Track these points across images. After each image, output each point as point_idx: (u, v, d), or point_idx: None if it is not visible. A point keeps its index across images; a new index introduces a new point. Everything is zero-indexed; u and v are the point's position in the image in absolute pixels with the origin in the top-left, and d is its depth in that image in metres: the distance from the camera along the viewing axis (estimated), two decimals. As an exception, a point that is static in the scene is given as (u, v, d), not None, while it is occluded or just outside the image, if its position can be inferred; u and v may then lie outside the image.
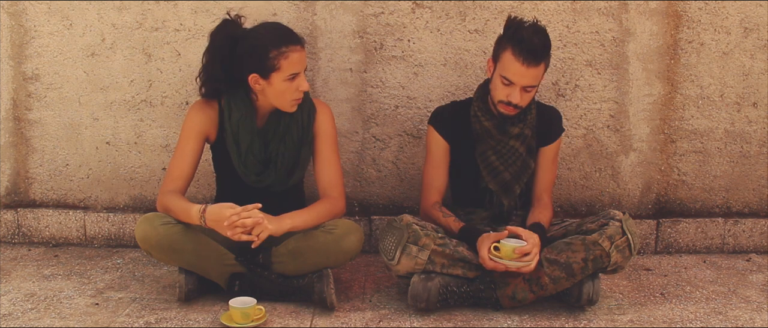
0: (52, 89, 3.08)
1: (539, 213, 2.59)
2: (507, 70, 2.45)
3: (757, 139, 3.14)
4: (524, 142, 2.61)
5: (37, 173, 3.16)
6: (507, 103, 2.49)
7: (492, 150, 2.61)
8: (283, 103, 2.50)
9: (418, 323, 2.37)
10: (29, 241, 3.18)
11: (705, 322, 2.42)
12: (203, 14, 2.98)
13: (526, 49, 2.41)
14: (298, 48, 2.45)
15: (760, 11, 3.03)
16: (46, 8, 3.02)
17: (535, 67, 2.43)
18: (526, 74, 2.43)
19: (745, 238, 3.17)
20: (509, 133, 2.59)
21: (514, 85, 2.45)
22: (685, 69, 3.07)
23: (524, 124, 2.59)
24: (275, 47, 2.41)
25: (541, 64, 2.45)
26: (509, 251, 2.34)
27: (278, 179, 2.58)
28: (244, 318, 2.29)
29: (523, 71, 2.42)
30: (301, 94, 2.49)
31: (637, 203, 3.16)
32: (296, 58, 2.44)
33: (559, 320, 2.40)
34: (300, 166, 2.61)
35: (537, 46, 2.41)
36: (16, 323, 2.33)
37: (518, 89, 2.45)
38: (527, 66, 2.42)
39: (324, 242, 2.46)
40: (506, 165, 2.61)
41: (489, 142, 2.61)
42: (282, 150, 2.57)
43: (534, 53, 2.41)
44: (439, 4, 2.98)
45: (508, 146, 2.60)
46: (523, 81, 2.44)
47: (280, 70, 2.42)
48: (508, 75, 2.45)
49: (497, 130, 2.59)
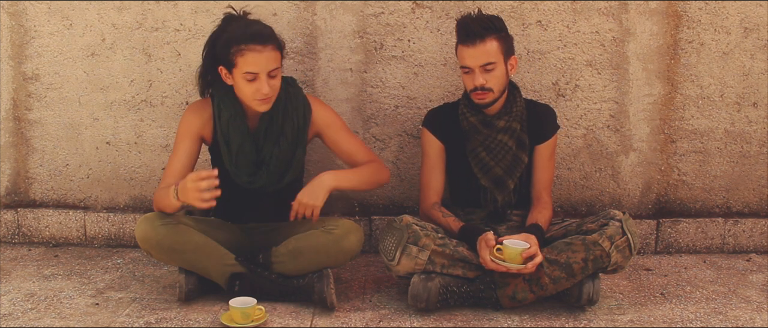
0: (52, 89, 3.08)
1: (538, 213, 2.59)
2: (461, 59, 2.55)
3: (757, 139, 3.14)
4: (513, 136, 2.62)
5: (37, 173, 3.16)
6: (473, 89, 2.54)
7: (481, 146, 2.62)
8: (249, 102, 2.47)
9: (418, 323, 2.37)
10: (29, 241, 3.18)
11: (705, 322, 2.42)
12: (203, 14, 2.98)
13: (464, 33, 2.52)
14: (259, 48, 2.39)
15: (760, 11, 3.03)
16: (46, 8, 3.02)
17: (481, 43, 2.49)
18: (474, 53, 2.50)
19: (745, 238, 3.17)
20: (495, 127, 2.60)
21: (471, 70, 2.52)
22: (685, 69, 3.07)
23: (510, 116, 2.61)
24: (236, 43, 2.40)
25: (486, 39, 2.50)
26: (514, 254, 2.34)
27: (270, 181, 2.58)
28: (244, 318, 2.29)
29: (471, 51, 2.50)
30: (264, 95, 2.42)
31: (637, 203, 3.16)
32: (252, 59, 2.39)
33: (559, 320, 2.40)
34: (294, 167, 2.60)
35: (473, 24, 2.51)
36: (16, 323, 2.33)
37: (477, 71, 2.51)
38: (471, 45, 2.50)
39: (324, 242, 2.46)
40: (496, 160, 2.61)
41: (478, 139, 2.62)
42: (276, 152, 2.55)
43: (473, 32, 2.50)
44: (439, 4, 2.98)
45: (497, 141, 2.61)
46: (476, 61, 2.51)
47: (236, 66, 2.41)
48: (463, 62, 2.54)
49: (483, 125, 2.61)
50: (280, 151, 2.55)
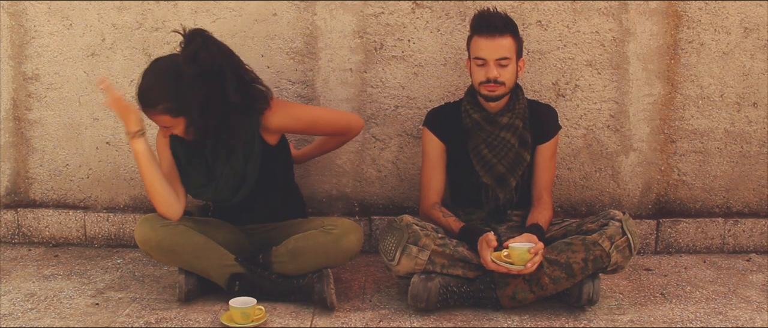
0: (52, 89, 3.08)
1: (538, 214, 2.59)
2: (477, 50, 2.54)
3: (757, 139, 3.14)
4: (515, 134, 2.61)
5: (37, 173, 3.16)
6: (485, 81, 2.53)
7: (484, 143, 2.62)
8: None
9: (418, 323, 2.37)
10: (29, 241, 3.18)
11: (705, 322, 2.42)
12: (203, 14, 2.98)
13: (485, 25, 2.53)
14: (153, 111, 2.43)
15: (760, 11, 3.03)
16: (46, 8, 3.02)
17: (500, 37, 2.51)
18: (492, 46, 2.51)
19: (745, 238, 3.17)
20: (499, 124, 2.60)
21: (487, 62, 2.52)
22: (685, 69, 3.07)
23: (513, 113, 2.61)
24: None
25: (505, 35, 2.52)
26: (522, 254, 2.33)
27: (221, 197, 2.56)
28: (244, 318, 2.29)
29: (490, 43, 2.51)
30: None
31: (637, 203, 3.16)
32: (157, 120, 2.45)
33: (559, 320, 2.40)
34: (247, 182, 2.54)
35: (494, 18, 2.53)
36: (16, 323, 2.33)
37: (492, 63, 2.52)
38: (491, 37, 2.51)
39: (323, 242, 2.46)
40: (499, 157, 2.61)
41: (480, 136, 2.61)
42: (226, 171, 2.52)
43: (493, 25, 2.51)
44: (439, 4, 2.98)
45: (500, 138, 2.60)
46: (493, 53, 2.51)
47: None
48: (479, 54, 2.54)
49: (486, 122, 2.60)
50: (231, 169, 2.52)
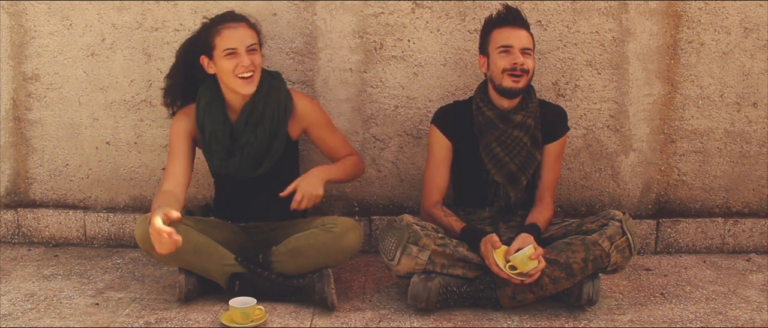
0: (52, 89, 3.08)
1: (539, 214, 2.59)
2: (502, 39, 2.57)
3: (757, 139, 3.14)
4: (528, 133, 2.61)
5: (37, 173, 3.16)
6: (512, 68, 2.54)
7: (496, 141, 2.61)
8: (233, 84, 2.54)
9: (418, 323, 2.37)
10: (29, 241, 3.18)
11: (705, 322, 2.42)
12: (203, 14, 2.97)
13: (508, 17, 2.61)
14: (233, 25, 2.54)
15: (760, 11, 3.03)
16: (46, 8, 3.02)
17: (523, 28, 2.59)
18: (518, 34, 2.57)
19: (745, 238, 3.17)
20: (512, 122, 2.60)
21: (513, 48, 2.55)
22: (685, 69, 3.07)
23: (526, 112, 2.61)
24: (213, 27, 2.55)
25: (526, 28, 2.60)
26: (525, 259, 2.34)
27: (243, 168, 2.60)
28: (244, 318, 2.29)
29: (515, 32, 2.57)
30: (247, 70, 2.52)
31: (637, 203, 3.16)
32: (229, 34, 2.52)
33: (559, 320, 2.40)
34: (270, 157, 2.61)
35: (517, 12, 2.62)
36: (16, 323, 2.33)
37: (518, 51, 2.55)
38: (517, 27, 2.59)
39: (323, 241, 2.46)
40: (511, 156, 2.61)
41: (493, 134, 2.61)
42: (252, 140, 2.58)
43: (517, 17, 2.60)
44: (439, 4, 2.98)
45: (513, 137, 2.60)
46: (519, 41, 2.56)
47: (215, 48, 2.52)
48: (505, 42, 2.56)
49: (500, 119, 2.60)
50: (256, 139, 2.58)
